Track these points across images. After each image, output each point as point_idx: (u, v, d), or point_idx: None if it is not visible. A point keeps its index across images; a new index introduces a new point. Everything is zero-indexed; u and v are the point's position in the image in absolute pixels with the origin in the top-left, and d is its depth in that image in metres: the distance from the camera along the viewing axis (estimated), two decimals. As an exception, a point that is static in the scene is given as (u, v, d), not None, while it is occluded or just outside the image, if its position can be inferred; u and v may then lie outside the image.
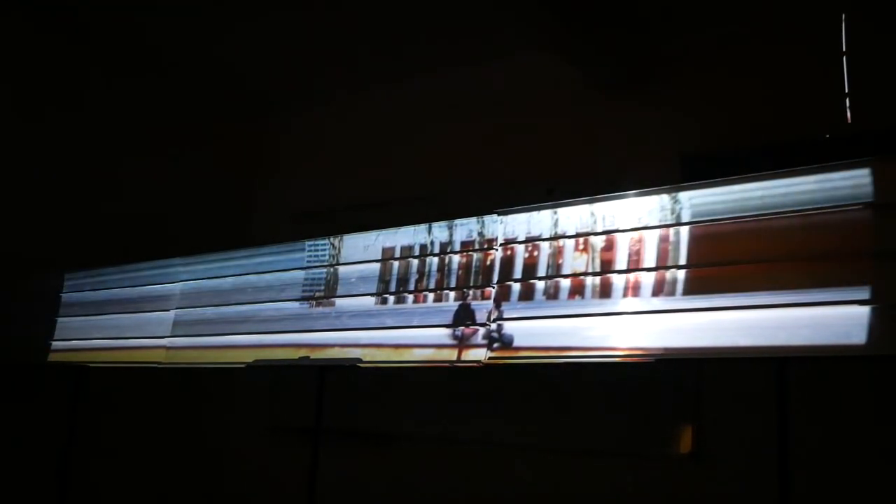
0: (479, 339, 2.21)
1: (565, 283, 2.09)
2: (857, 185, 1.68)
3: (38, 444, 3.32)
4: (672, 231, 1.93)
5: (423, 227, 2.46)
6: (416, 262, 2.45)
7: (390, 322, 2.45)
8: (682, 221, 1.92)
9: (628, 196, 2.03)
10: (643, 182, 2.04)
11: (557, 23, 2.80)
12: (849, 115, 2.64)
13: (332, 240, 2.69)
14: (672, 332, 1.86)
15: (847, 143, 2.57)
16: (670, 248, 1.92)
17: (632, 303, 1.94)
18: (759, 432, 2.18)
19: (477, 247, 2.32)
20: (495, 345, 2.17)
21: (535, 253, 2.18)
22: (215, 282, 2.97)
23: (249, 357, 2.75)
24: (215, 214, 4.01)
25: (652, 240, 1.95)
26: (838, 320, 1.62)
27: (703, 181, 1.92)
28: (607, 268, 2.02)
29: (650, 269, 1.93)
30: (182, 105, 3.98)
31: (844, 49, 2.69)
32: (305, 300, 2.70)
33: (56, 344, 3.39)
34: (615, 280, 1.99)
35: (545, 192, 2.37)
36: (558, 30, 2.86)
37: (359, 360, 2.46)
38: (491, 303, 2.22)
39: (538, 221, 2.20)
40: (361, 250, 2.59)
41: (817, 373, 2.31)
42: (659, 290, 1.90)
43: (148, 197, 3.81)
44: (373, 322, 2.49)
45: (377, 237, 2.56)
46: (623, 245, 2.01)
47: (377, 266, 2.54)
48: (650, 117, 3.03)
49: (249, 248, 2.93)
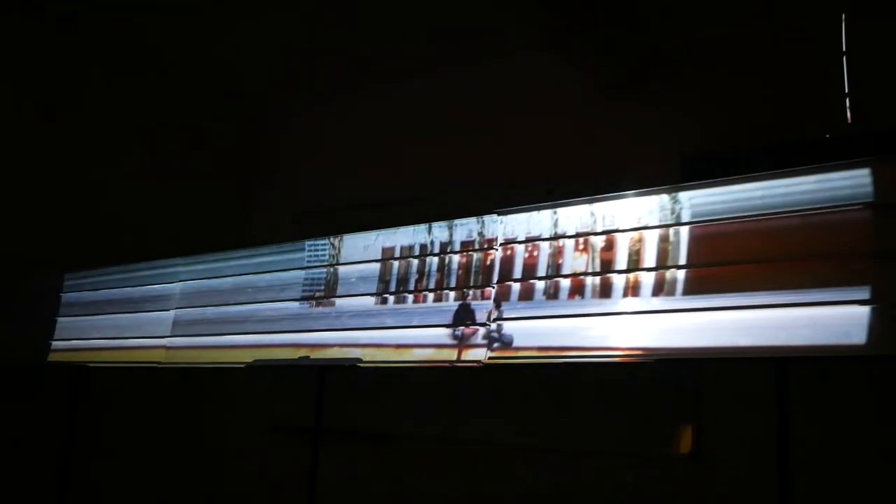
0: (479, 339, 2.21)
1: (565, 283, 2.09)
2: (857, 185, 1.68)
3: (38, 444, 3.32)
4: (672, 231, 1.93)
5: (423, 227, 2.46)
6: (416, 262, 2.45)
7: (390, 322, 2.45)
8: (682, 221, 1.92)
9: (628, 196, 2.03)
10: (643, 182, 2.03)
11: (557, 23, 2.80)
12: (849, 115, 2.64)
13: (332, 240, 2.69)
14: (672, 332, 1.86)
15: (847, 143, 2.57)
16: (670, 248, 1.92)
17: (632, 303, 1.94)
18: (759, 432, 2.18)
19: (477, 247, 2.32)
20: (495, 345, 2.17)
21: (535, 253, 2.18)
22: (215, 282, 2.97)
23: (249, 357, 2.75)
24: (215, 214, 4.01)
25: (652, 240, 1.96)
26: (838, 320, 1.62)
27: (703, 181, 1.92)
28: (607, 268, 2.02)
29: (650, 269, 1.93)
30: (182, 105, 3.97)
31: (844, 49, 2.69)
32: (305, 300, 2.70)
33: (56, 344, 3.39)
34: (615, 280, 1.99)
35: (545, 192, 2.37)
36: (558, 30, 2.86)
37: (359, 360, 2.46)
38: (491, 303, 2.22)
39: (538, 221, 2.20)
40: (361, 250, 2.59)
41: (817, 373, 2.31)
42: (659, 290, 1.90)
43: (148, 197, 3.81)
44: (373, 322, 2.49)
45: (377, 237, 2.56)
46: (623, 245, 2.01)
47: (377, 266, 2.54)
48: (650, 117, 3.03)
49: (249, 248, 2.93)
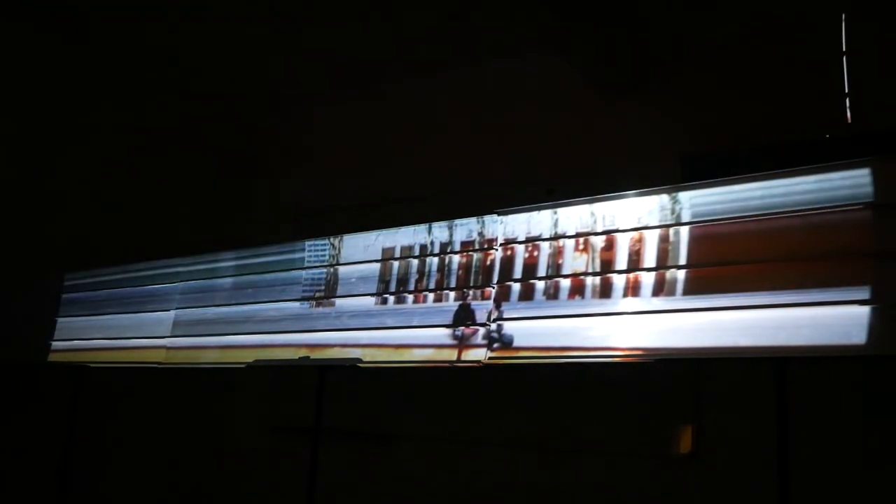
0: (479, 339, 2.21)
1: (565, 283, 2.09)
2: (857, 185, 1.68)
3: (38, 444, 3.32)
4: (672, 231, 1.93)
5: (423, 227, 2.46)
6: (416, 262, 2.45)
7: (390, 322, 2.45)
8: (682, 221, 1.92)
9: (628, 196, 2.03)
10: (643, 182, 2.04)
11: (557, 23, 2.80)
12: (849, 115, 2.64)
13: (332, 240, 2.69)
14: (672, 332, 1.86)
15: (847, 143, 2.56)
16: (670, 248, 1.92)
17: (632, 303, 1.94)
18: (759, 432, 2.17)
19: (477, 247, 2.32)
20: (495, 345, 2.17)
21: (535, 253, 2.18)
22: (215, 282, 2.97)
23: (249, 357, 2.75)
24: (215, 214, 4.02)
25: (652, 240, 1.96)
26: (838, 320, 1.62)
27: (703, 181, 1.92)
28: (607, 268, 2.02)
29: (650, 269, 1.93)
30: (182, 104, 3.98)
31: (844, 49, 2.69)
32: (305, 300, 2.70)
33: (56, 344, 3.39)
34: (615, 280, 1.99)
35: (545, 192, 2.37)
36: (558, 30, 2.86)
37: (359, 360, 2.46)
38: (491, 303, 2.22)
39: (538, 221, 2.20)
40: (361, 250, 2.59)
41: (817, 373, 2.31)
42: (659, 290, 1.90)
43: (148, 197, 3.81)
44: (373, 322, 2.49)
45: (377, 237, 2.56)
46: (623, 245, 2.01)
47: (377, 266, 2.54)
48: (650, 117, 3.03)
49: (249, 248, 2.93)
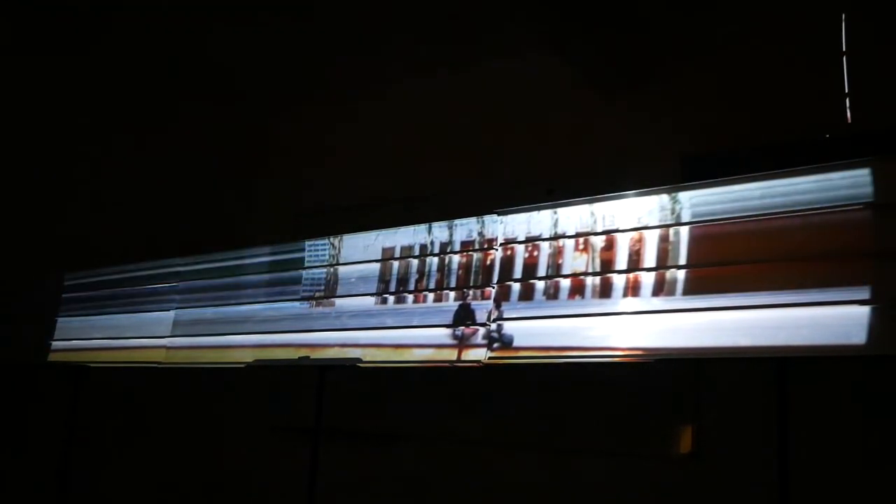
0: (479, 339, 2.21)
1: (565, 283, 2.09)
2: (857, 185, 1.68)
3: (38, 444, 3.32)
4: (672, 231, 1.93)
5: (423, 227, 2.46)
6: (416, 262, 2.46)
7: (390, 322, 2.46)
8: (682, 221, 1.92)
9: (628, 196, 2.03)
10: (643, 182, 2.04)
11: (557, 23, 2.80)
12: (849, 115, 2.64)
13: (332, 240, 2.69)
14: (672, 332, 1.86)
15: (847, 143, 2.56)
16: (670, 248, 1.92)
17: (632, 303, 1.94)
18: (759, 432, 2.18)
19: (477, 247, 2.32)
20: (495, 345, 2.17)
21: (535, 253, 2.18)
22: (215, 281, 2.97)
23: (249, 357, 2.75)
24: (215, 214, 4.02)
25: (652, 240, 1.96)
26: (838, 320, 1.62)
27: (703, 181, 1.92)
28: (607, 268, 2.02)
29: (650, 269, 1.93)
30: (182, 105, 3.98)
31: (844, 49, 2.69)
32: (305, 300, 2.70)
33: (56, 344, 3.39)
34: (615, 280, 1.99)
35: (545, 192, 2.37)
36: (558, 30, 2.86)
37: (359, 360, 2.46)
38: (491, 303, 2.22)
39: (538, 221, 2.21)
40: (361, 250, 2.59)
41: (817, 373, 2.31)
42: (659, 290, 1.90)
43: (148, 196, 3.81)
44: (373, 322, 2.49)
45: (377, 237, 2.56)
46: (623, 245, 2.01)
47: (377, 266, 2.54)
48: (650, 117, 3.03)
49: (249, 247, 2.93)
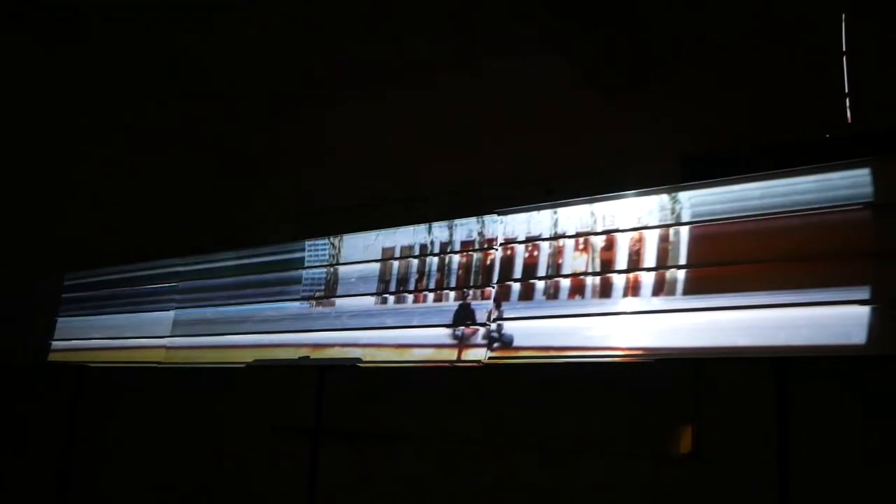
0: (479, 339, 2.21)
1: (565, 283, 2.09)
2: (857, 185, 1.68)
3: (38, 444, 3.32)
4: (672, 231, 1.93)
5: (423, 227, 2.46)
6: (416, 262, 2.45)
7: (390, 322, 2.46)
8: (682, 221, 1.92)
9: (628, 196, 2.03)
10: (643, 182, 2.03)
11: (557, 23, 2.80)
12: (849, 115, 2.64)
13: (332, 240, 2.69)
14: (671, 331, 1.86)
15: (847, 143, 2.56)
16: (670, 248, 1.92)
17: (631, 303, 1.94)
18: (759, 432, 2.17)
19: (477, 247, 2.32)
20: (495, 345, 2.17)
21: (535, 253, 2.18)
22: (215, 281, 2.97)
23: (249, 357, 2.75)
24: (215, 214, 4.02)
25: (652, 240, 1.96)
26: (838, 320, 1.62)
27: (703, 181, 1.92)
28: (607, 268, 2.02)
29: (650, 269, 1.93)
30: (182, 105, 3.98)
31: (844, 49, 2.69)
32: (305, 300, 2.70)
33: (56, 344, 3.39)
34: (615, 280, 1.99)
35: (545, 192, 2.37)
36: (558, 30, 2.86)
37: (359, 360, 2.46)
38: (491, 303, 2.22)
39: (538, 221, 2.21)
40: (361, 250, 2.59)
41: (817, 373, 2.31)
42: (659, 290, 1.90)
43: (148, 196, 3.81)
44: (373, 322, 2.49)
45: (377, 237, 2.56)
46: (623, 245, 2.01)
47: (377, 266, 2.54)
48: (650, 117, 3.03)
49: (249, 247, 2.93)
